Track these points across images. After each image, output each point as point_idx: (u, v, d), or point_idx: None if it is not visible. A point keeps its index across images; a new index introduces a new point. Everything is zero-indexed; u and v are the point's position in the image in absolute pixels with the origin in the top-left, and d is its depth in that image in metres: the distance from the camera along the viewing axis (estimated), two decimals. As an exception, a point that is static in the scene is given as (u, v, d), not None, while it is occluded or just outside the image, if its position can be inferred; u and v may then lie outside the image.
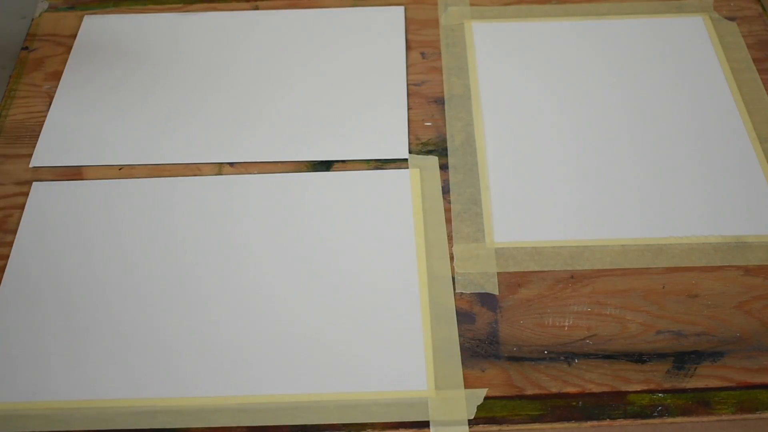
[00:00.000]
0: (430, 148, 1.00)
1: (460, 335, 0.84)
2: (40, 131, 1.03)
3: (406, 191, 0.95)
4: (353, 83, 1.08)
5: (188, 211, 0.95)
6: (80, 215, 0.94)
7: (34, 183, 0.98)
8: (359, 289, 0.87)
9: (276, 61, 1.11)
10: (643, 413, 0.78)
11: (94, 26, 1.17)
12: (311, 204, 0.95)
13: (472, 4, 1.17)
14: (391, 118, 1.03)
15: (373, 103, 1.05)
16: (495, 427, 0.78)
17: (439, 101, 1.05)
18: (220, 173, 0.98)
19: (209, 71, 1.10)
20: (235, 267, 0.89)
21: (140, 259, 0.90)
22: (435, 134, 1.01)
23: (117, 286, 0.88)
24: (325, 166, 0.99)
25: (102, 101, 1.07)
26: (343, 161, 0.99)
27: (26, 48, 1.14)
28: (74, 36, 1.15)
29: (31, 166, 1.00)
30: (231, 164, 0.99)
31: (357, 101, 1.05)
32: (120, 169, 0.99)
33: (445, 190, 0.96)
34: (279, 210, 0.94)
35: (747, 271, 0.88)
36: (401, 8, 1.17)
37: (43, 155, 1.01)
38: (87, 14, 1.18)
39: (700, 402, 0.79)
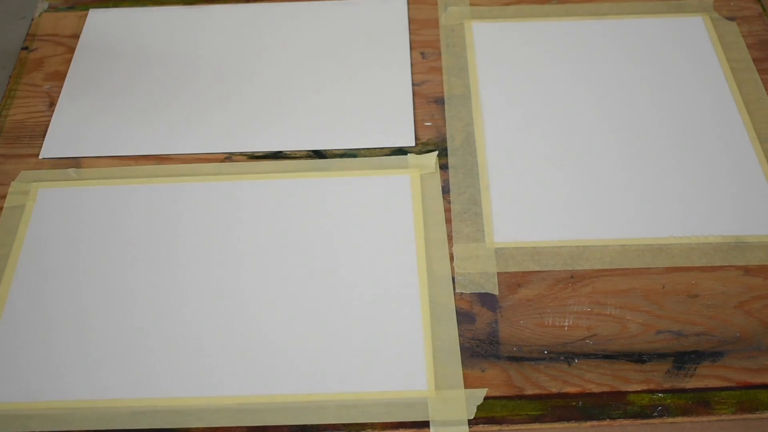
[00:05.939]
0: (430, 148, 1.00)
1: (460, 335, 0.84)
2: (40, 131, 1.04)
3: (406, 191, 0.95)
4: (357, 72, 1.09)
5: (191, 213, 0.95)
6: (81, 217, 0.94)
7: (34, 183, 0.98)
8: (359, 290, 0.87)
9: (283, 53, 1.12)
10: (643, 413, 0.78)
11: (101, 19, 1.17)
12: (312, 205, 0.95)
13: (472, 4, 1.17)
14: (396, 103, 1.04)
15: (378, 92, 1.06)
16: (495, 427, 0.78)
17: (439, 101, 1.05)
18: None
19: (212, 64, 1.10)
20: (237, 268, 0.89)
21: (140, 261, 0.90)
22: (435, 134, 1.01)
23: (117, 287, 0.88)
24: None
25: (109, 94, 1.07)
26: (351, 149, 0.99)
27: (26, 48, 1.14)
28: (74, 36, 1.15)
29: (40, 157, 1.00)
30: (234, 155, 0.99)
31: (361, 89, 1.06)
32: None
33: (445, 190, 0.96)
34: (280, 211, 0.94)
35: (747, 271, 0.88)
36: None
37: (52, 147, 1.01)
38: (93, 9, 1.18)
39: (700, 402, 0.79)
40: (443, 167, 0.98)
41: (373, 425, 0.78)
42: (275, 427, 0.79)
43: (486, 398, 0.80)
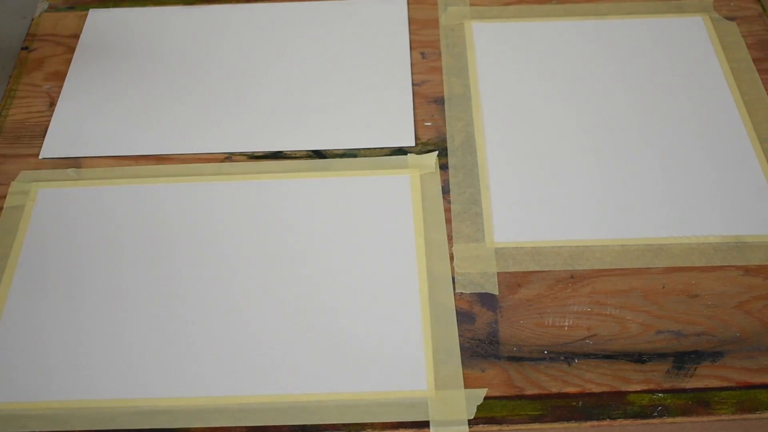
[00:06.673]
0: (430, 148, 1.00)
1: (460, 335, 0.84)
2: (40, 131, 1.04)
3: (406, 191, 0.95)
4: (357, 72, 1.09)
5: (190, 213, 0.95)
6: (81, 217, 0.94)
7: (34, 183, 0.98)
8: (359, 290, 0.87)
9: (283, 53, 1.12)
10: (643, 413, 0.78)
11: (101, 19, 1.17)
12: (312, 205, 0.95)
13: (472, 4, 1.17)
14: (396, 103, 1.04)
15: (378, 92, 1.06)
16: (495, 427, 0.78)
17: (439, 101, 1.05)
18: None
19: (212, 64, 1.10)
20: (236, 268, 0.89)
21: (140, 261, 0.90)
22: (435, 134, 1.02)
23: (118, 287, 0.88)
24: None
25: (109, 94, 1.07)
26: (351, 149, 0.99)
27: (26, 48, 1.14)
28: (74, 36, 1.15)
29: (40, 157, 1.00)
30: (234, 155, 0.99)
31: (361, 89, 1.07)
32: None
33: (445, 190, 0.96)
34: (280, 211, 0.94)
35: (747, 271, 0.88)
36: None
37: (52, 147, 1.01)
38: (93, 9, 1.19)
39: (700, 402, 0.79)
40: (443, 167, 0.98)
41: (373, 425, 0.78)
42: (275, 427, 0.79)
43: (486, 398, 0.80)
